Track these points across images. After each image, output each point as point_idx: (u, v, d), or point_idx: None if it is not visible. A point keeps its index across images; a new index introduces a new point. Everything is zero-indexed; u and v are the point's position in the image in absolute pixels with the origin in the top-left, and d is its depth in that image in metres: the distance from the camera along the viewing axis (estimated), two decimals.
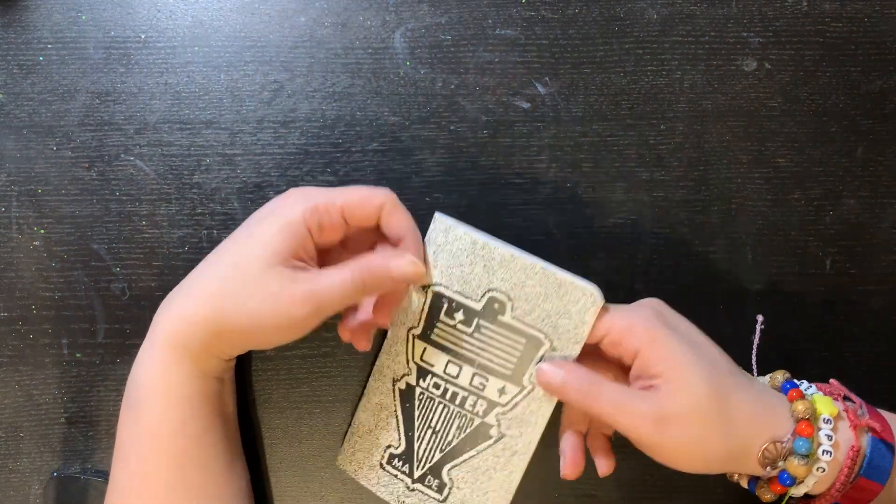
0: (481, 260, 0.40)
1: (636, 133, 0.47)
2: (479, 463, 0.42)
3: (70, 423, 0.47)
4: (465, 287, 0.40)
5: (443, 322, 0.41)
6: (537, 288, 0.39)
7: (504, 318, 0.40)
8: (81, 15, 0.47)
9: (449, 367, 0.42)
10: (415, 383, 0.42)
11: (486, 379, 0.41)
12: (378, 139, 0.47)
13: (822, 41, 0.47)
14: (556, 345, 0.40)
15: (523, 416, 0.41)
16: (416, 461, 0.43)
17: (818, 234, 0.47)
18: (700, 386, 0.37)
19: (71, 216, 0.47)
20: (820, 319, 0.47)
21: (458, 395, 0.42)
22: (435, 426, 0.42)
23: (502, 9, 0.47)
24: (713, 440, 0.37)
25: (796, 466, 0.37)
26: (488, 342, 0.41)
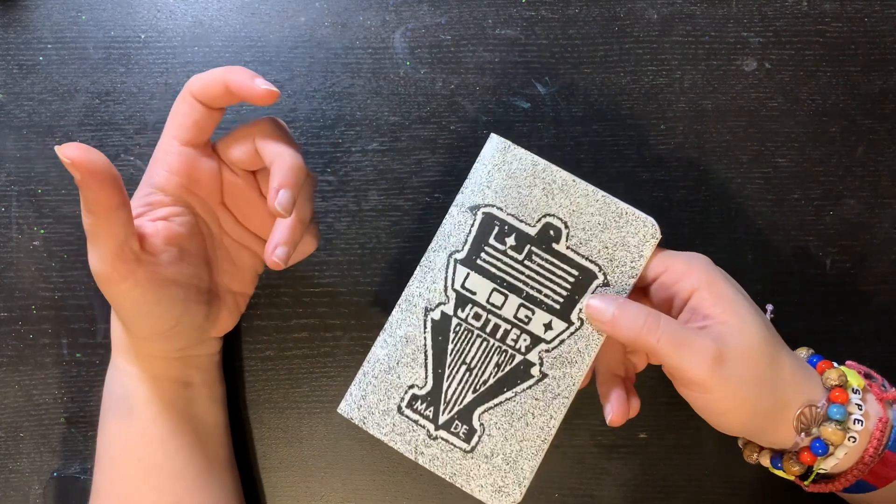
0: (541, 182, 0.38)
1: (636, 133, 0.47)
2: (515, 407, 0.38)
3: (70, 423, 0.47)
4: (520, 210, 0.38)
5: (491, 246, 0.38)
6: (596, 217, 0.38)
7: (558, 247, 0.38)
8: (81, 15, 0.47)
9: (493, 296, 0.39)
10: (452, 313, 0.39)
11: (532, 312, 0.38)
12: (378, 139, 0.47)
13: (822, 41, 0.47)
14: (611, 278, 0.38)
15: (568, 355, 0.38)
16: (443, 403, 0.39)
17: (818, 234, 0.47)
18: (757, 332, 0.37)
19: (71, 216, 0.47)
20: (820, 319, 0.47)
21: (500, 327, 0.38)
22: (470, 362, 0.39)
23: (502, 9, 0.47)
24: (764, 388, 0.36)
25: (832, 432, 0.36)
26: (539, 272, 0.38)
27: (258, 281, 0.47)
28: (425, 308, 0.39)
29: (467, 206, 0.38)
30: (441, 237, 0.39)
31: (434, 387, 0.38)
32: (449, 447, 0.38)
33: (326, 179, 0.47)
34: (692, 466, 0.47)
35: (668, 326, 0.36)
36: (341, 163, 0.47)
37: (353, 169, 0.47)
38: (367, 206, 0.47)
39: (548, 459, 0.47)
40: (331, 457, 0.47)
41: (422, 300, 0.39)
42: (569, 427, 0.47)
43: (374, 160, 0.47)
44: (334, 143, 0.47)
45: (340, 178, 0.47)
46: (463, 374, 0.38)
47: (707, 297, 0.37)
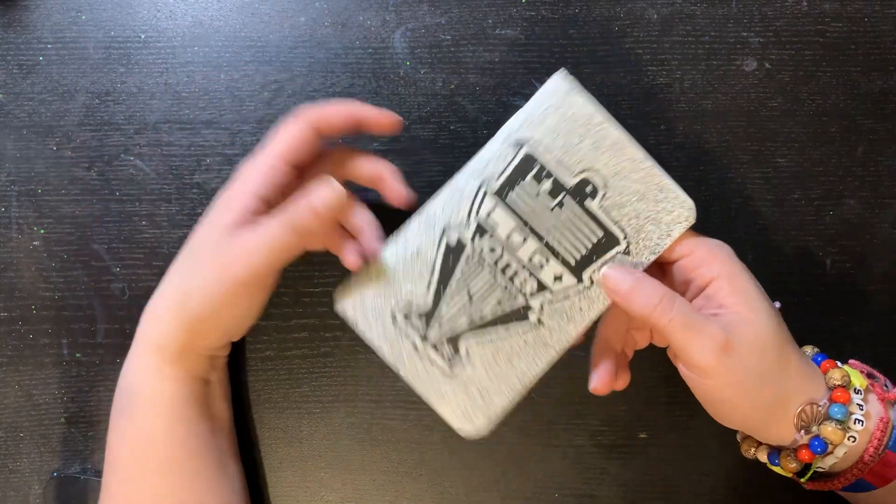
0: (593, 136, 0.38)
1: (636, 133, 0.47)
2: (504, 344, 0.38)
3: (70, 423, 0.47)
4: (564, 157, 0.38)
5: (525, 185, 0.38)
6: (636, 185, 0.38)
7: (590, 204, 0.38)
8: (81, 15, 0.47)
9: (514, 235, 0.38)
10: (468, 240, 0.38)
11: (546, 260, 0.38)
12: (378, 139, 0.47)
13: (822, 41, 0.47)
14: (632, 249, 0.38)
15: (569, 311, 0.38)
16: (436, 322, 0.39)
17: (818, 234, 0.47)
18: (769, 327, 0.37)
19: (71, 216, 0.47)
20: (820, 319, 0.47)
21: (510, 266, 0.38)
22: (473, 293, 0.39)
23: (502, 9, 0.47)
24: (767, 382, 0.36)
25: (832, 431, 0.37)
26: (565, 223, 0.38)
27: None
28: (443, 229, 0.39)
29: (513, 138, 0.38)
30: (477, 163, 0.38)
31: (433, 305, 0.39)
32: (430, 365, 0.39)
33: None
34: (692, 466, 0.47)
35: (681, 308, 0.36)
36: None
37: None
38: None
39: (548, 459, 0.47)
40: (331, 457, 0.47)
41: (442, 220, 0.39)
42: (569, 427, 0.47)
43: None
44: (334, 143, 0.47)
45: None
46: (463, 301, 0.38)
47: (725, 287, 0.37)
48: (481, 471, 0.47)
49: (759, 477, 0.47)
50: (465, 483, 0.47)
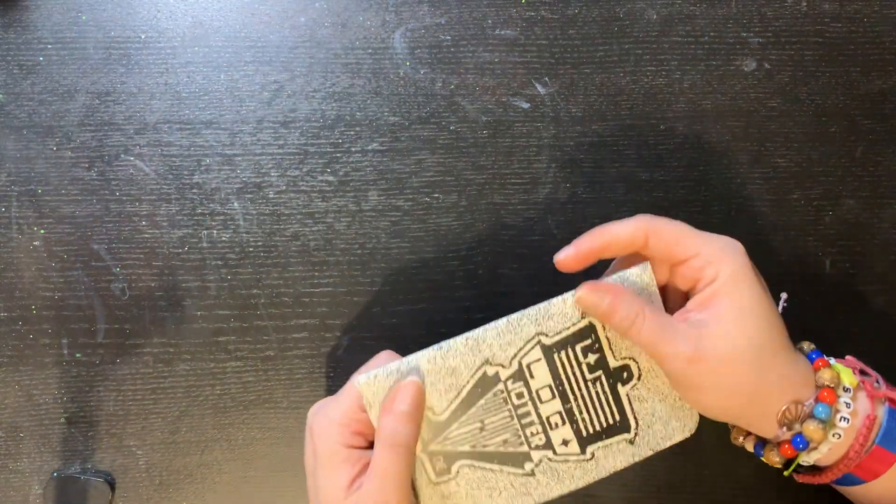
0: None
1: (636, 133, 0.47)
2: (492, 479, 0.40)
3: (70, 423, 0.47)
4: (616, 340, 0.40)
5: (575, 352, 0.40)
6: (664, 386, 0.40)
7: (622, 389, 0.40)
8: (81, 15, 0.47)
9: (544, 391, 0.40)
10: (503, 379, 0.40)
11: (562, 423, 0.40)
12: (378, 139, 0.47)
13: (821, 41, 0.47)
14: (638, 441, 0.40)
15: (562, 473, 0.40)
16: (442, 436, 0.40)
17: (818, 234, 0.47)
18: (749, 340, 0.37)
19: (71, 216, 0.47)
20: (820, 319, 0.47)
21: (529, 416, 0.40)
22: (486, 425, 0.40)
23: (502, 9, 0.47)
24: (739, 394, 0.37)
25: (813, 430, 0.37)
26: (594, 400, 0.40)
27: (260, 281, 0.47)
28: (486, 359, 0.39)
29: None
30: (542, 312, 0.39)
31: (445, 421, 0.40)
32: (421, 469, 0.40)
33: (326, 179, 0.47)
34: (692, 466, 0.47)
35: (651, 325, 0.37)
36: (341, 163, 0.47)
37: (353, 169, 0.47)
38: (367, 206, 0.47)
39: None
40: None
41: (489, 351, 0.39)
42: None
43: (374, 160, 0.47)
44: (334, 143, 0.47)
45: (340, 178, 0.47)
46: (474, 430, 0.40)
47: (721, 292, 0.38)
48: None
49: (759, 477, 0.47)
50: None
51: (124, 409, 0.47)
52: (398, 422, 0.37)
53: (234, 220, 0.47)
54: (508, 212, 0.47)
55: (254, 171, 0.47)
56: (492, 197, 0.47)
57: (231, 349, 0.47)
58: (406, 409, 0.37)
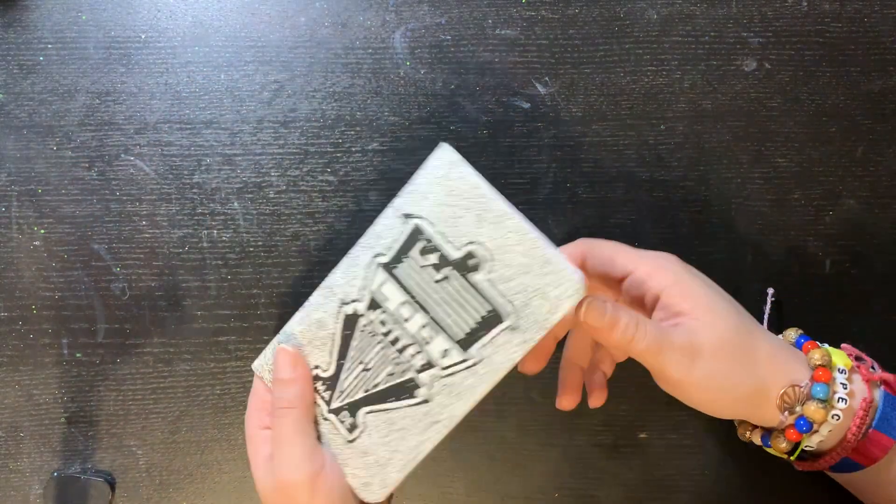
0: (476, 208, 0.36)
1: (636, 133, 0.47)
2: (396, 418, 0.39)
3: (70, 423, 0.47)
4: (450, 230, 0.37)
5: (412, 259, 0.37)
6: (522, 258, 0.36)
7: (476, 277, 0.37)
8: (81, 15, 0.47)
9: (403, 308, 0.38)
10: (362, 313, 0.39)
11: (434, 334, 0.38)
12: (378, 139, 0.47)
13: (821, 41, 0.47)
14: (521, 324, 0.36)
15: (457, 387, 0.38)
16: (337, 391, 0.40)
17: (818, 234, 0.47)
18: (727, 322, 0.38)
19: (71, 216, 0.47)
20: (819, 319, 0.47)
21: (400, 339, 0.38)
22: (367, 364, 0.39)
23: (502, 9, 0.47)
24: (740, 376, 0.37)
25: (814, 410, 0.37)
26: (452, 296, 0.37)
27: (260, 281, 0.47)
28: (341, 300, 0.39)
29: (402, 211, 0.37)
30: (371, 235, 0.38)
31: (334, 374, 0.40)
32: (335, 431, 0.40)
33: (326, 179, 0.47)
34: (692, 466, 0.47)
35: (652, 334, 0.37)
36: (341, 163, 0.47)
37: (353, 169, 0.47)
38: (367, 206, 0.47)
39: (548, 459, 0.47)
40: None
41: (340, 291, 0.39)
42: (569, 427, 0.47)
43: (374, 160, 0.47)
44: (334, 143, 0.47)
45: (340, 178, 0.47)
46: (359, 372, 0.39)
47: (676, 295, 0.38)
48: (481, 471, 0.47)
49: (759, 477, 0.47)
50: (465, 483, 0.47)
51: (124, 409, 0.47)
52: (278, 388, 0.39)
53: (234, 219, 0.47)
54: None
55: (254, 170, 0.47)
56: None
57: (231, 349, 0.47)
58: (282, 375, 0.39)
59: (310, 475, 0.38)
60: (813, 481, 0.46)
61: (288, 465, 0.38)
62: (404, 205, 0.37)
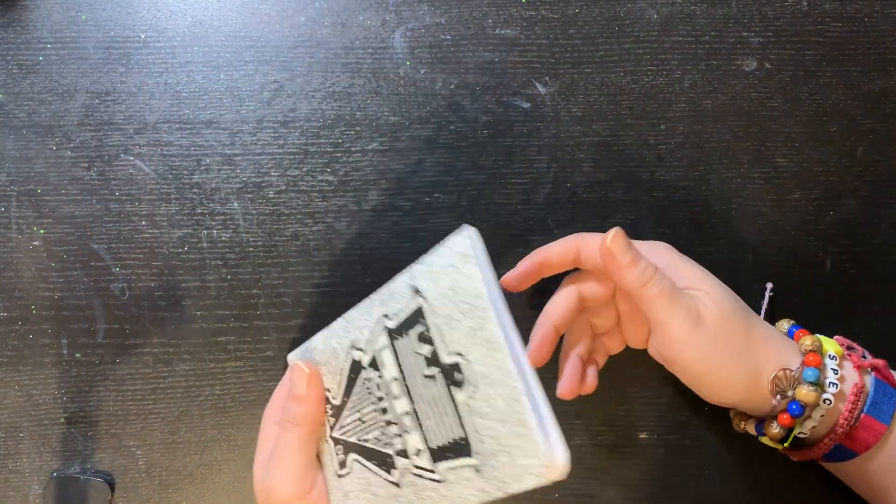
0: (472, 319, 0.31)
1: (636, 133, 0.47)
2: (373, 481, 0.37)
3: (70, 423, 0.47)
4: (445, 329, 0.32)
5: (411, 339, 0.34)
6: (501, 402, 0.30)
7: (458, 396, 0.32)
8: (81, 15, 0.47)
9: (394, 384, 0.35)
10: (366, 366, 0.36)
11: (414, 427, 0.34)
12: (378, 139, 0.47)
13: (822, 41, 0.47)
14: (484, 471, 0.31)
15: (422, 491, 0.34)
16: (339, 424, 0.39)
17: (818, 234, 0.47)
18: (727, 299, 0.39)
19: (70, 216, 0.47)
20: (820, 319, 0.47)
21: (388, 412, 0.35)
22: (362, 416, 0.37)
23: (502, 9, 0.47)
24: (737, 356, 0.38)
25: (806, 393, 0.38)
26: (434, 400, 0.33)
27: (260, 281, 0.47)
28: (352, 343, 0.37)
29: (413, 283, 0.33)
30: (387, 292, 0.35)
31: (340, 406, 0.39)
32: (330, 458, 0.40)
33: (326, 179, 0.47)
34: (692, 466, 0.47)
35: (667, 282, 0.37)
36: (341, 163, 0.47)
37: (353, 169, 0.47)
38: (367, 206, 0.47)
39: None
40: None
41: (353, 333, 0.37)
42: (569, 427, 0.47)
43: (374, 160, 0.47)
44: (334, 143, 0.47)
45: (340, 178, 0.47)
46: (356, 419, 0.38)
47: (673, 275, 0.39)
48: None
49: (759, 476, 0.47)
50: None
51: (124, 409, 0.47)
52: (290, 402, 0.39)
53: (233, 219, 0.47)
54: (508, 212, 0.47)
55: (254, 170, 0.47)
56: (492, 197, 0.47)
57: (231, 349, 0.47)
58: (296, 391, 0.39)
59: (296, 494, 0.38)
60: (812, 481, 0.46)
61: (280, 479, 0.38)
62: (417, 277, 0.33)
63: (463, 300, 0.31)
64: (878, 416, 0.38)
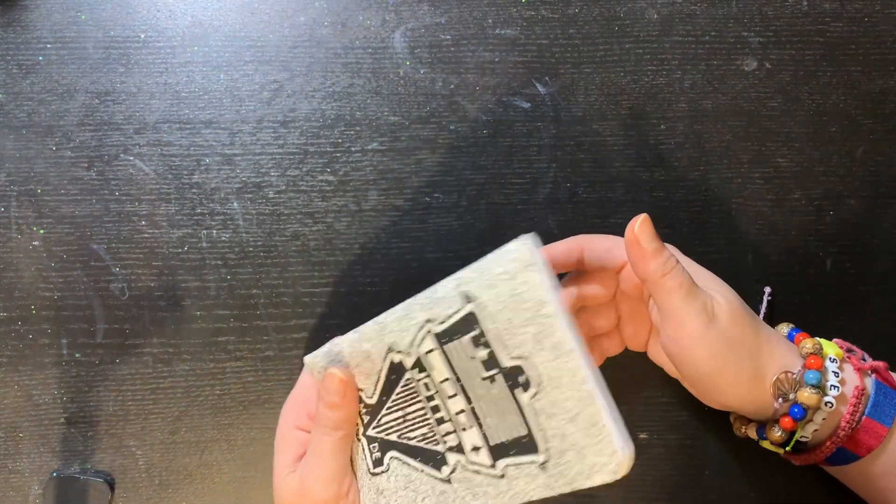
0: (537, 326, 0.32)
1: (636, 133, 0.47)
2: (416, 480, 0.37)
3: (70, 423, 0.47)
4: (505, 334, 0.33)
5: (463, 344, 0.34)
6: (571, 403, 0.32)
7: (521, 396, 0.33)
8: (81, 15, 0.47)
9: (447, 384, 0.36)
10: (408, 368, 0.36)
11: (471, 424, 0.35)
12: (378, 139, 0.47)
13: (822, 41, 0.47)
14: (549, 468, 0.33)
15: (476, 486, 0.35)
16: (375, 422, 0.38)
17: (818, 234, 0.47)
18: (736, 300, 0.39)
19: (70, 216, 0.47)
20: (820, 319, 0.47)
21: (440, 411, 0.36)
22: (406, 416, 0.37)
23: (502, 9, 0.47)
24: (744, 353, 0.38)
25: (808, 396, 0.38)
26: (495, 400, 0.34)
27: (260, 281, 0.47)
28: (389, 346, 0.37)
29: (463, 289, 0.34)
30: (429, 297, 0.35)
31: (376, 405, 0.39)
32: (362, 455, 0.39)
33: (326, 179, 0.47)
34: (692, 466, 0.47)
35: (686, 275, 0.37)
36: (341, 163, 0.47)
37: (353, 169, 0.47)
38: (367, 206, 0.47)
39: None
40: None
41: (391, 337, 0.37)
42: None
43: (374, 160, 0.47)
44: (334, 143, 0.47)
45: (340, 178, 0.47)
46: (398, 417, 0.38)
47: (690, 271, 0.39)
48: None
49: (759, 477, 0.47)
50: None
51: (124, 410, 0.47)
52: (325, 407, 0.38)
53: (233, 220, 0.47)
54: (508, 212, 0.47)
55: (253, 170, 0.47)
56: (492, 197, 0.47)
57: (231, 349, 0.47)
58: (331, 398, 0.38)
59: (335, 496, 0.38)
60: (813, 481, 0.46)
61: (318, 481, 0.38)
62: (467, 283, 0.34)
63: (525, 307, 0.32)
64: (880, 419, 0.38)
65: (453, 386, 0.35)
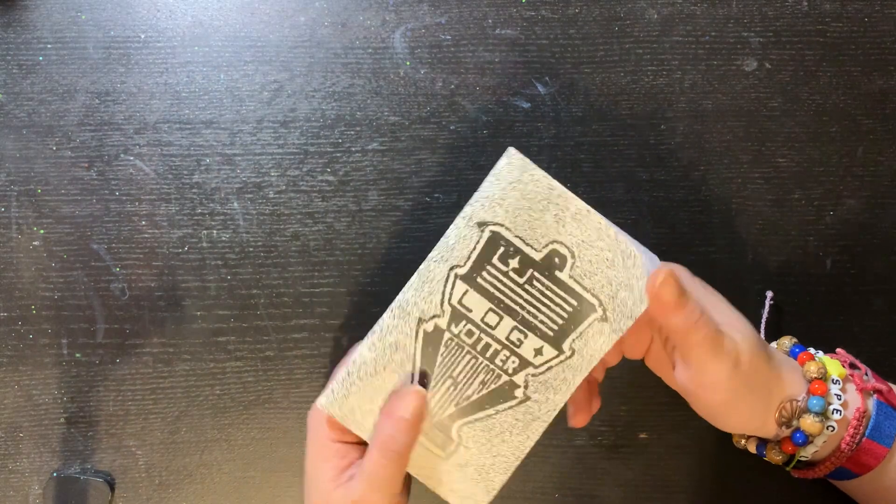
0: (554, 208, 0.36)
1: (636, 133, 0.47)
2: (495, 423, 0.39)
3: (70, 423, 0.47)
4: (529, 233, 0.37)
5: (494, 266, 0.37)
6: (605, 252, 0.37)
7: (561, 275, 0.37)
8: (81, 15, 0.47)
9: (488, 316, 0.38)
10: (445, 327, 0.38)
11: (524, 335, 0.38)
12: (378, 139, 0.47)
13: (822, 41, 0.47)
14: (609, 315, 0.37)
15: (553, 382, 0.38)
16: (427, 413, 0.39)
17: (818, 234, 0.47)
18: (753, 335, 0.38)
19: (70, 216, 0.47)
20: (820, 319, 0.47)
21: (490, 346, 0.38)
22: (457, 377, 0.39)
23: (502, 9, 0.47)
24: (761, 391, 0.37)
25: (811, 424, 0.37)
26: (538, 297, 0.37)
27: (260, 281, 0.47)
28: (419, 318, 0.38)
29: (476, 220, 0.37)
30: (443, 248, 0.37)
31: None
32: (425, 451, 0.39)
33: (326, 179, 0.47)
34: (692, 466, 0.47)
35: (712, 326, 0.36)
36: (341, 163, 0.47)
37: (353, 169, 0.47)
38: (367, 206, 0.47)
39: (547, 459, 0.47)
40: None
41: (416, 310, 0.38)
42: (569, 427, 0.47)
43: (374, 160, 0.47)
44: (334, 143, 0.47)
45: (340, 178, 0.47)
46: (448, 388, 0.39)
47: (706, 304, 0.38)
48: None
49: (759, 477, 0.47)
50: None
51: (124, 410, 0.47)
52: (396, 429, 0.37)
53: (233, 220, 0.47)
54: None
55: (254, 170, 0.47)
56: None
57: (231, 349, 0.47)
58: (407, 416, 0.37)
59: None
60: (812, 482, 0.46)
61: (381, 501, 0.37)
62: (477, 213, 0.37)
63: (538, 201, 0.37)
64: (880, 440, 0.38)
65: (494, 314, 0.38)
